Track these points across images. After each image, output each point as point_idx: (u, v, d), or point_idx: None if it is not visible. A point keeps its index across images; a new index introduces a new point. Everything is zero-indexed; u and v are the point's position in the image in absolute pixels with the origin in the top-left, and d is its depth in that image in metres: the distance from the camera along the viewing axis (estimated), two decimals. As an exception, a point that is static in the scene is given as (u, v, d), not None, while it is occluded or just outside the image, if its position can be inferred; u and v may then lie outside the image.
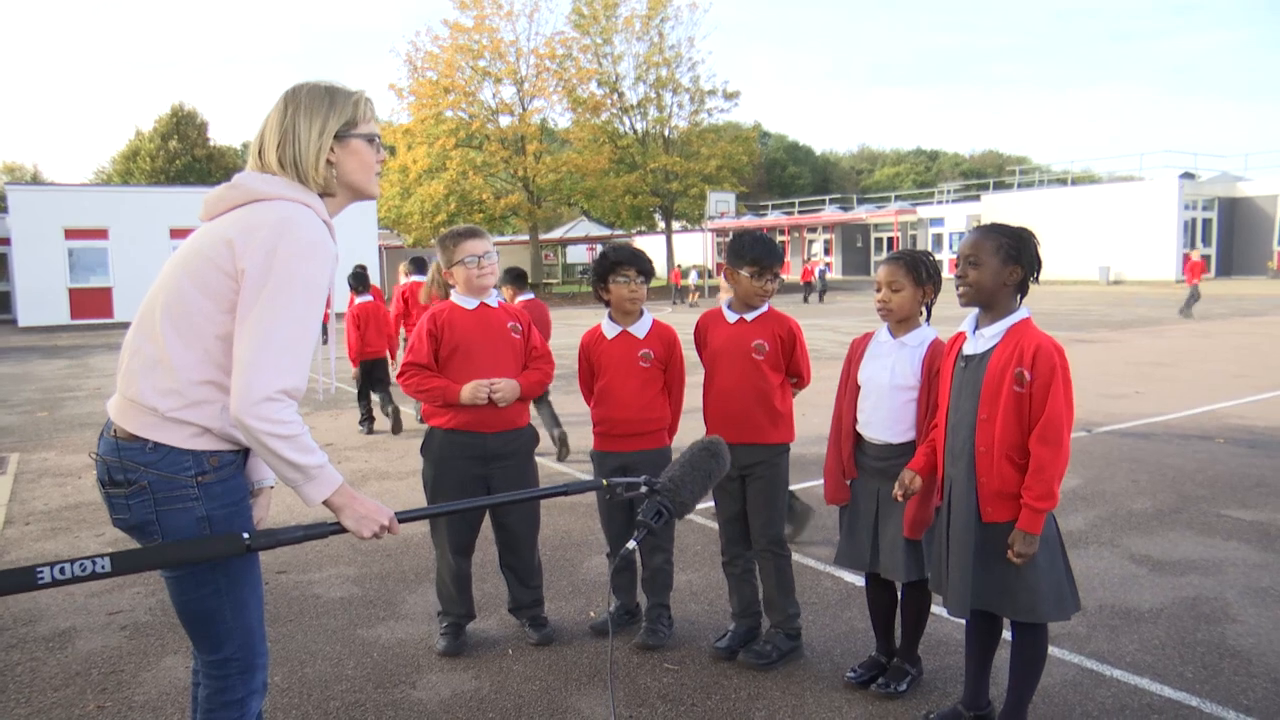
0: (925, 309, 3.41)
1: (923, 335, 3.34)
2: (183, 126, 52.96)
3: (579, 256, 50.64)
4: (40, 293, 26.84)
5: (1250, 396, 9.80)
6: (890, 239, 44.53)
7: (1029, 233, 2.94)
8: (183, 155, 51.73)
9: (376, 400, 9.12)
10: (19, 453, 8.49)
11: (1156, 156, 67.19)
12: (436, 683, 3.64)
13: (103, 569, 1.92)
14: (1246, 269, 35.71)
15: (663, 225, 42.20)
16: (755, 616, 3.84)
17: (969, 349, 2.97)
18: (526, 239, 41.49)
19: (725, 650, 3.77)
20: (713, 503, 3.86)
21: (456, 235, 3.88)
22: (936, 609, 4.09)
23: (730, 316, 3.79)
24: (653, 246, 39.32)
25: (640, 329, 3.94)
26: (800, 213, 51.22)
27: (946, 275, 2.82)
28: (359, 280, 9.34)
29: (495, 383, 3.73)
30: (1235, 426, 8.26)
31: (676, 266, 36.72)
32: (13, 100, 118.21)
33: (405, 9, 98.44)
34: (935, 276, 3.38)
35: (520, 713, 3.38)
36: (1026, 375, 2.80)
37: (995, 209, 37.48)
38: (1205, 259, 35.48)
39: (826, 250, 47.26)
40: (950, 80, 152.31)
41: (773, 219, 49.69)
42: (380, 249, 30.33)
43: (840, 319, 22.83)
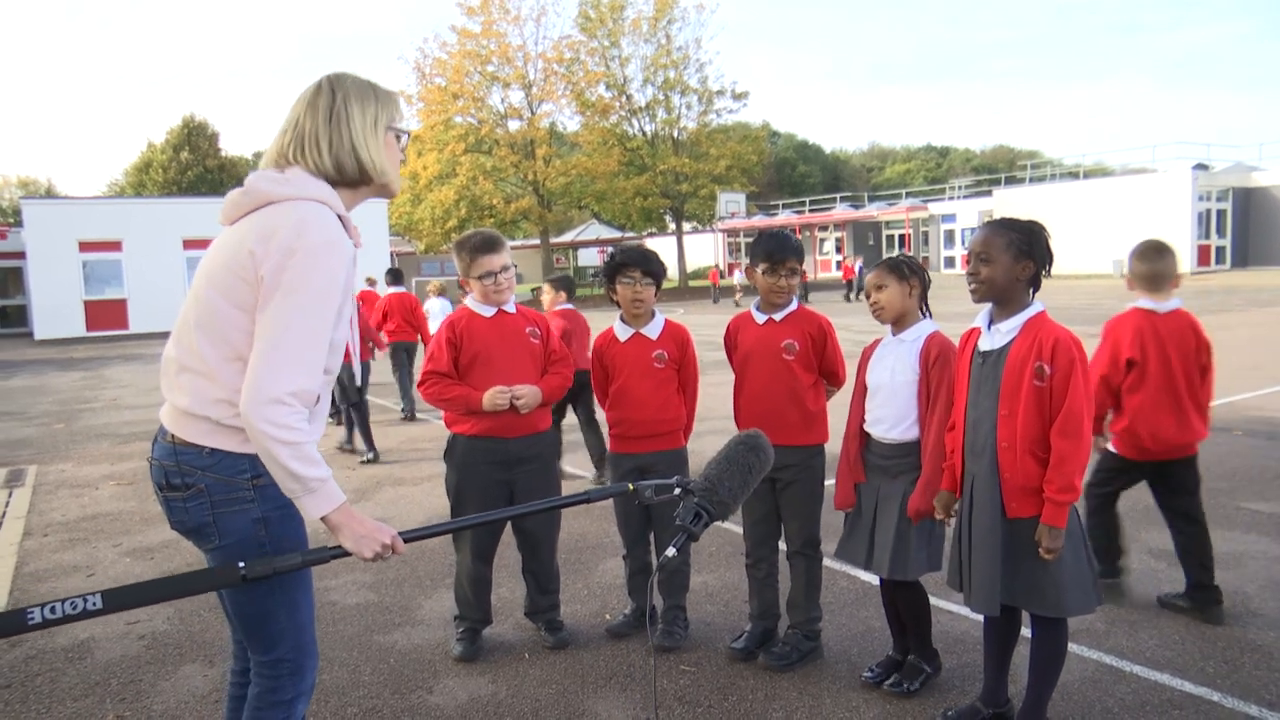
0: (923, 305, 3.43)
1: (920, 330, 3.37)
2: (194, 137, 53.33)
3: (590, 259, 50.67)
4: (56, 306, 27.03)
5: (1268, 388, 9.71)
6: (902, 236, 44.34)
7: (1039, 226, 2.92)
8: (194, 166, 52.09)
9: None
10: (36, 465, 8.56)
11: (1169, 148, 66.60)
12: (453, 688, 3.64)
13: (94, 607, 1.85)
14: (1263, 259, 35.38)
15: (673, 227, 42.24)
16: (774, 619, 3.83)
17: (985, 345, 2.95)
18: (538, 243, 41.59)
19: (742, 651, 3.75)
20: None
21: (473, 248, 3.79)
22: (950, 606, 4.08)
23: (759, 318, 3.75)
24: (664, 248, 39.32)
25: (653, 330, 3.93)
26: (811, 211, 51.12)
27: (956, 272, 2.81)
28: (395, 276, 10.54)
29: (517, 389, 3.73)
30: (1253, 418, 8.18)
31: (715, 267, 36.60)
32: (27, 115, 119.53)
33: (411, 17, 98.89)
34: (918, 271, 3.42)
35: (537, 716, 3.37)
36: (1047, 369, 2.78)
37: (1007, 204, 37.23)
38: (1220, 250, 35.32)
39: (838, 248, 47.11)
40: (953, 76, 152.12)
41: (784, 218, 49.57)
42: (392, 255, 30.40)
43: (855, 318, 22.75)
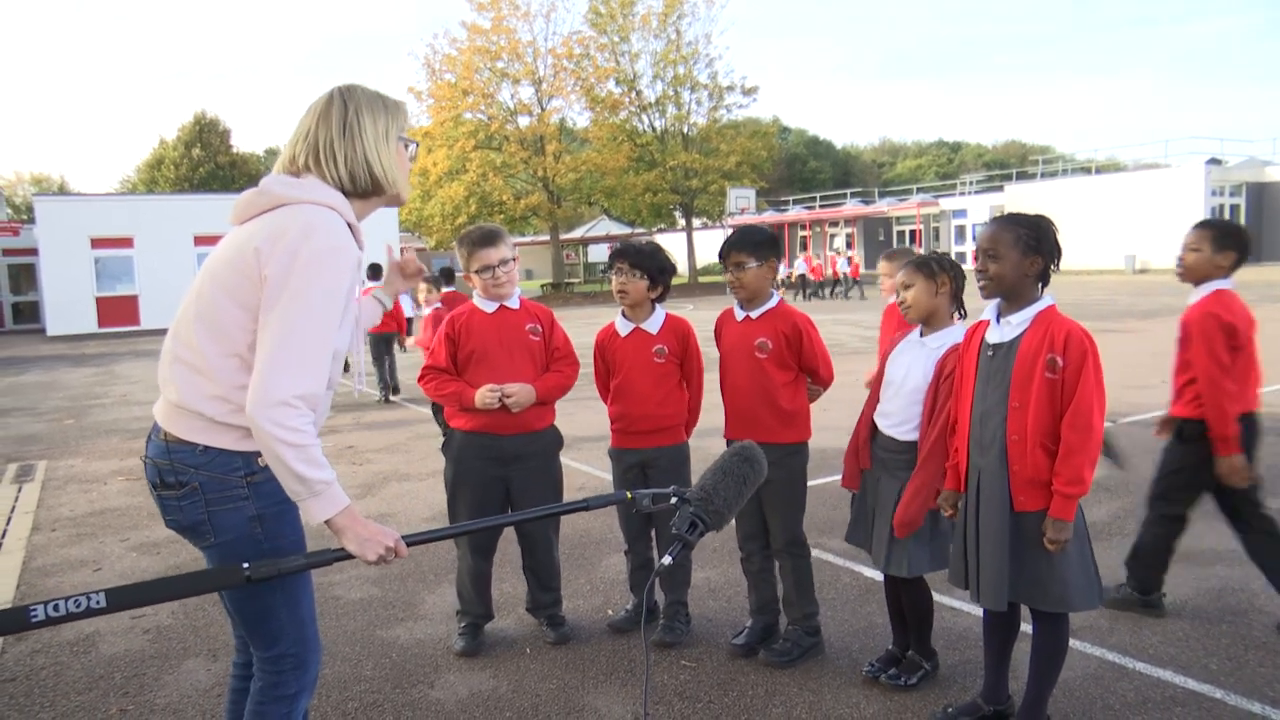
0: (958, 304, 3.34)
1: (944, 338, 3.27)
2: (205, 134, 53.49)
3: (600, 255, 50.65)
4: (68, 302, 27.14)
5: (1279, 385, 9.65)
6: (912, 231, 44.22)
7: (1047, 221, 2.90)
8: (206, 163, 52.24)
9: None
10: (46, 460, 8.60)
11: (1182, 143, 66.16)
12: (454, 682, 3.65)
13: (98, 605, 1.85)
14: (1276, 255, 35.08)
15: (683, 223, 42.16)
16: (773, 613, 3.82)
17: (994, 337, 2.92)
18: (548, 239, 41.60)
19: (743, 647, 3.75)
20: None
21: (471, 243, 3.82)
22: (952, 602, 4.07)
23: (739, 314, 3.74)
24: (674, 244, 39.24)
25: (653, 325, 3.92)
26: (822, 207, 50.99)
27: (967, 267, 2.78)
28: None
29: (507, 388, 3.72)
30: (1266, 415, 8.10)
31: (816, 260, 34.56)
32: (40, 113, 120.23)
33: (421, 13, 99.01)
34: (948, 269, 3.31)
35: (537, 712, 3.38)
36: (1059, 361, 2.76)
37: (1019, 199, 37.12)
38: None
39: (849, 244, 46.99)
40: (965, 71, 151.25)
41: (794, 214, 49.52)
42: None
43: (865, 314, 22.71)
